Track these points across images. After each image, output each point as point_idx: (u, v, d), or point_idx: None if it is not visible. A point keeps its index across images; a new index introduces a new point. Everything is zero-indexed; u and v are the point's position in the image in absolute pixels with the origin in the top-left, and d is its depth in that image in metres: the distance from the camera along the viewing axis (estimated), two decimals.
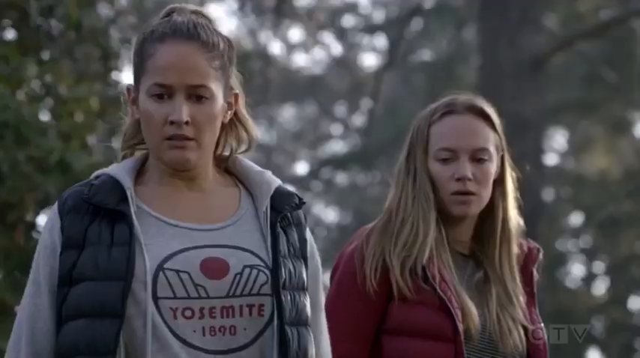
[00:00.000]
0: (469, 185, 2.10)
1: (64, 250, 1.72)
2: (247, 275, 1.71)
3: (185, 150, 1.73)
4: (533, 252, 2.18)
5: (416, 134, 2.13)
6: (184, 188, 1.77)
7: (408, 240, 2.07)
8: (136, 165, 1.79)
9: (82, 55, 4.71)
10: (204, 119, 1.73)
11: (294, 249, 1.76)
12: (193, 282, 1.69)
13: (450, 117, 2.12)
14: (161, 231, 1.72)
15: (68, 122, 4.54)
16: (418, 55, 13.03)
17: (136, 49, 1.78)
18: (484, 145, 2.12)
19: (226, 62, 1.77)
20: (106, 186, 1.74)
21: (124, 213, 1.71)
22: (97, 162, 4.43)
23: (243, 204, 1.78)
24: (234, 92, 1.80)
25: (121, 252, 1.70)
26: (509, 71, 8.64)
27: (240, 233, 1.74)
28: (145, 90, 1.74)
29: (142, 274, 1.68)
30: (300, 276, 1.75)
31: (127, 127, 1.81)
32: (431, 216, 2.08)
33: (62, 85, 4.56)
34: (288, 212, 1.77)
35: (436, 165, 2.11)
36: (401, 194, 2.11)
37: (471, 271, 2.12)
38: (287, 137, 14.89)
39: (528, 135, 8.50)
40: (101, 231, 1.72)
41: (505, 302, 2.10)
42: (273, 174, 1.82)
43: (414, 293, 2.04)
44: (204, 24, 1.76)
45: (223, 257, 1.71)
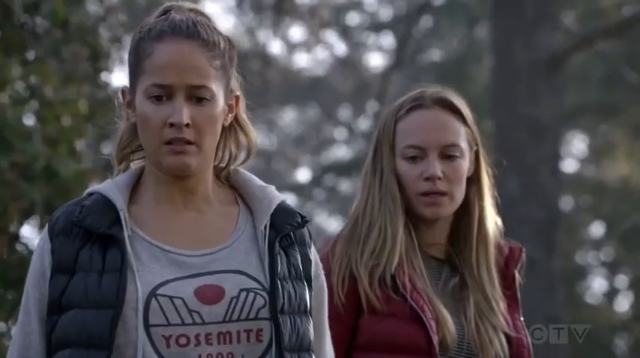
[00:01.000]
0: (439, 184, 2.06)
1: (53, 275, 1.73)
2: (244, 298, 1.71)
3: (185, 155, 1.72)
4: (515, 253, 2.14)
5: (382, 131, 2.10)
6: (181, 206, 1.76)
7: (376, 246, 2.04)
8: (130, 180, 1.79)
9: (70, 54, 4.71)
10: (205, 121, 1.73)
11: (295, 271, 1.75)
12: (187, 308, 1.69)
13: (418, 112, 2.09)
14: (154, 258, 1.72)
15: (55, 126, 4.54)
16: (427, 55, 13.05)
17: (131, 49, 1.78)
18: (454, 141, 2.09)
19: (227, 62, 1.77)
20: (97, 207, 1.74)
21: (116, 237, 1.71)
22: (85, 168, 4.42)
23: (241, 223, 1.78)
24: (234, 94, 1.80)
25: (112, 279, 1.70)
26: (525, 72, 8.63)
27: (237, 255, 1.74)
28: (143, 91, 1.74)
29: (134, 301, 1.69)
30: (302, 299, 1.75)
31: (122, 133, 1.81)
32: (398, 219, 2.05)
33: (48, 87, 4.56)
34: (289, 231, 1.76)
35: (403, 164, 2.07)
36: (367, 197, 2.08)
37: (447, 276, 2.09)
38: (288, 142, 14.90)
39: (545, 140, 8.50)
40: (92, 256, 1.72)
41: (484, 308, 2.07)
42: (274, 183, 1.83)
43: (384, 305, 2.01)
44: (204, 22, 1.77)
45: (218, 283, 1.71)
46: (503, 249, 2.14)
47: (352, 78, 13.91)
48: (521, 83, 8.59)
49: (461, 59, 12.10)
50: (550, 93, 8.66)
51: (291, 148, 14.87)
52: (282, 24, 12.26)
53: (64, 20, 4.65)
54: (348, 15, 13.61)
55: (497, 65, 8.97)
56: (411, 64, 12.30)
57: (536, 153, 8.39)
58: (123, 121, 1.80)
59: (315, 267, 1.79)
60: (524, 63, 8.63)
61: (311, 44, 13.04)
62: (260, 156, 13.86)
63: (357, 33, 13.77)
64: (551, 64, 8.71)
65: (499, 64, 8.93)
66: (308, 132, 15.07)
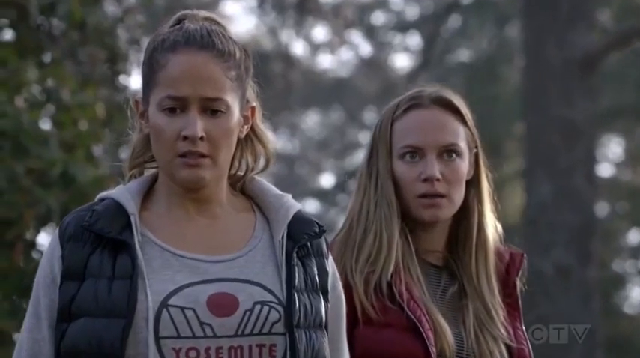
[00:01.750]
0: (438, 186, 2.05)
1: (63, 281, 1.74)
2: (258, 312, 1.71)
3: (199, 169, 1.73)
4: (516, 260, 2.12)
5: (378, 132, 2.09)
6: (194, 213, 1.77)
7: (372, 253, 2.02)
8: (143, 187, 1.80)
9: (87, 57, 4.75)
10: (219, 134, 1.74)
11: (311, 282, 1.76)
12: (199, 320, 1.69)
13: (415, 112, 2.08)
14: (166, 263, 1.73)
15: (71, 131, 4.57)
16: (456, 55, 13.04)
17: (145, 60, 1.79)
18: (453, 140, 2.07)
19: (243, 72, 1.78)
20: (108, 212, 1.75)
21: (126, 242, 1.72)
22: (103, 174, 4.45)
23: (258, 231, 1.78)
24: (250, 105, 1.81)
25: (122, 286, 1.71)
26: (558, 72, 8.61)
27: (252, 265, 1.74)
28: (156, 103, 1.75)
29: (144, 311, 1.69)
30: (318, 313, 1.75)
31: (135, 143, 1.82)
32: (394, 224, 2.04)
33: (65, 90, 4.59)
34: (306, 241, 1.77)
35: (400, 165, 2.06)
36: (362, 200, 2.07)
37: (445, 284, 2.08)
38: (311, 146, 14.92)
39: (579, 143, 8.47)
40: (102, 262, 1.73)
41: (484, 318, 2.05)
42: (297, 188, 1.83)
43: (381, 315, 1.99)
44: (219, 31, 1.78)
45: (232, 292, 1.71)
46: (503, 255, 2.12)
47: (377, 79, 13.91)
48: (554, 84, 8.56)
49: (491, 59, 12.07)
50: (584, 94, 8.63)
51: (314, 153, 14.89)
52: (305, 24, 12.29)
53: (80, 21, 4.69)
54: (374, 14, 13.62)
55: (529, 65, 8.95)
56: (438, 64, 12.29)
57: (570, 156, 8.36)
58: (136, 132, 1.82)
59: (332, 278, 1.80)
60: (557, 63, 8.61)
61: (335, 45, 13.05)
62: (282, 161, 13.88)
63: (383, 33, 13.77)
64: (586, 64, 8.68)
65: (531, 65, 8.90)
66: (332, 136, 15.08)
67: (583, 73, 8.64)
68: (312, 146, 14.93)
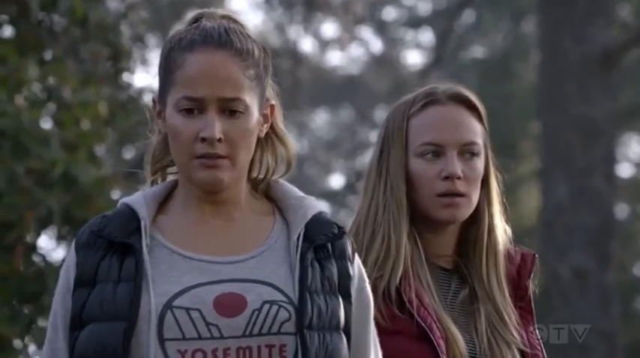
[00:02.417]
0: (458, 184, 2.03)
1: (76, 289, 1.77)
2: (267, 311, 1.71)
3: (218, 170, 1.74)
4: (528, 261, 2.10)
5: (391, 129, 2.07)
6: (210, 215, 1.78)
7: (379, 256, 2.01)
8: (161, 193, 1.81)
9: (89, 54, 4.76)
10: (238, 135, 1.75)
11: (329, 284, 1.76)
12: (205, 321, 1.70)
13: (433, 108, 2.07)
14: (174, 265, 1.74)
15: (73, 130, 4.58)
16: (469, 52, 13.03)
17: (161, 60, 1.80)
18: (473, 139, 2.06)
19: (262, 71, 1.78)
20: (120, 217, 1.78)
21: (133, 246, 1.74)
22: (105, 175, 4.46)
23: (275, 233, 1.79)
24: (269, 103, 1.81)
25: (126, 288, 1.72)
26: (576, 69, 8.59)
27: (265, 265, 1.75)
28: (173, 104, 1.76)
29: (147, 313, 1.70)
30: (334, 314, 1.74)
31: (155, 148, 1.83)
32: (402, 226, 2.02)
33: (66, 88, 4.60)
34: (323, 242, 1.77)
35: (419, 162, 2.05)
36: (370, 201, 2.05)
37: (455, 288, 2.06)
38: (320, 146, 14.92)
39: (598, 142, 8.45)
40: (111, 266, 1.75)
41: (496, 322, 2.04)
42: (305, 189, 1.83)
43: (389, 322, 1.98)
44: (237, 29, 1.78)
45: (241, 292, 1.72)
46: (514, 256, 2.10)
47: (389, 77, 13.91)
48: (571, 81, 8.55)
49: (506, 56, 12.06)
50: (603, 91, 8.61)
51: (323, 152, 14.89)
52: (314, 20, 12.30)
53: (82, 18, 4.70)
54: (384, 10, 13.62)
55: (546, 62, 8.94)
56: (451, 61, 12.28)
57: (589, 156, 8.34)
58: (155, 135, 1.83)
59: (358, 282, 1.79)
60: (575, 59, 8.59)
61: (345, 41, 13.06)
62: None
63: (394, 29, 13.77)
64: (605, 61, 8.66)
65: (547, 61, 8.89)
66: (341, 136, 15.08)
67: (602, 70, 8.63)
68: (321, 146, 14.94)
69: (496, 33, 12.70)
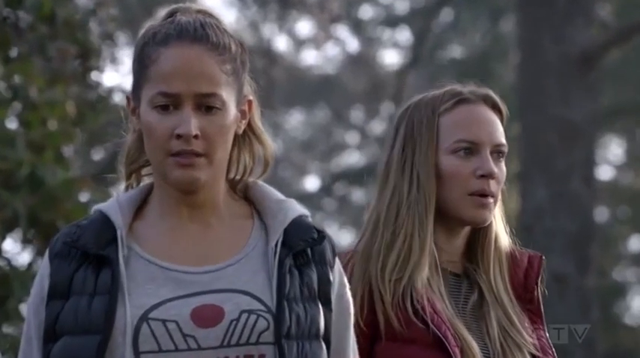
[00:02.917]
0: (492, 184, 2.05)
1: (49, 300, 1.76)
2: (244, 321, 1.71)
3: (194, 169, 1.73)
4: (534, 264, 2.12)
5: (417, 126, 2.07)
6: (187, 221, 1.77)
7: (400, 255, 2.00)
8: (137, 197, 1.80)
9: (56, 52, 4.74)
10: (215, 132, 1.74)
11: (309, 291, 1.75)
12: (182, 332, 1.70)
13: (466, 106, 2.08)
14: (151, 277, 1.74)
15: (40, 130, 4.55)
16: (447, 51, 13.08)
17: (135, 55, 1.78)
18: (503, 141, 2.09)
19: (239, 66, 1.78)
20: (94, 226, 1.76)
21: (109, 258, 1.73)
22: (73, 176, 4.44)
23: (253, 238, 1.78)
24: (247, 99, 1.80)
25: (102, 301, 1.72)
26: (555, 69, 8.64)
27: (242, 273, 1.75)
28: (148, 100, 1.75)
29: (122, 326, 1.70)
30: (314, 322, 1.74)
31: (130, 145, 1.82)
32: (428, 224, 2.02)
33: (33, 87, 4.58)
34: (302, 248, 1.76)
35: (452, 159, 2.05)
36: (390, 200, 2.04)
37: (466, 293, 2.07)
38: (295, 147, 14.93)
39: (577, 144, 8.50)
40: (86, 278, 1.74)
41: (507, 326, 2.05)
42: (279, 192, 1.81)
43: (405, 328, 1.97)
44: (213, 24, 1.78)
45: (218, 303, 1.72)
46: (520, 259, 2.12)
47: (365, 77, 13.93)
48: (551, 82, 8.59)
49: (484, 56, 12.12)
50: (583, 92, 8.66)
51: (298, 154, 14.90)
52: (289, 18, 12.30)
53: (50, 14, 4.68)
54: (361, 8, 13.65)
55: (525, 62, 8.98)
56: (429, 61, 12.33)
57: (568, 158, 8.39)
58: (129, 134, 1.82)
59: (338, 288, 1.79)
60: (554, 60, 8.64)
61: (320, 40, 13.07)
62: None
63: (371, 28, 13.80)
64: (585, 61, 8.71)
65: (526, 61, 8.93)
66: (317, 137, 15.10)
67: (582, 71, 8.67)
68: (296, 147, 14.94)
69: (474, 32, 12.75)
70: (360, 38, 13.92)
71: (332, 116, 14.94)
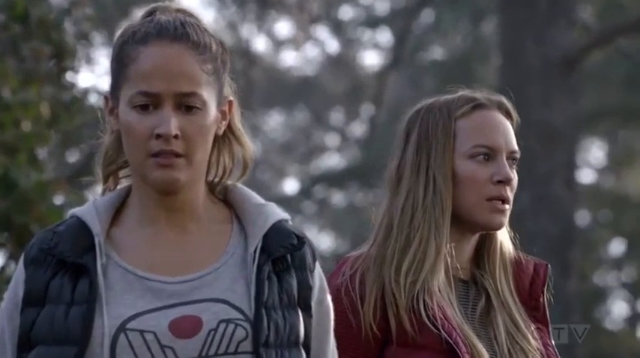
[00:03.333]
0: (508, 191, 2.09)
1: (24, 307, 1.75)
2: (223, 331, 1.71)
3: (173, 169, 1.73)
4: (540, 272, 2.15)
5: (434, 129, 2.09)
6: (166, 227, 1.77)
7: (415, 258, 2.02)
8: (114, 202, 1.79)
9: (30, 52, 4.72)
10: (195, 132, 1.74)
11: (288, 298, 1.76)
12: (160, 343, 1.70)
13: (483, 112, 2.12)
14: (129, 287, 1.74)
15: (13, 132, 4.53)
16: (428, 53, 13.10)
17: (114, 54, 1.78)
18: (516, 148, 2.13)
19: (220, 66, 1.77)
20: (71, 232, 1.75)
21: (87, 267, 1.73)
22: (47, 179, 4.42)
23: (232, 244, 1.78)
24: (228, 99, 1.80)
25: (79, 311, 1.71)
26: (537, 72, 8.67)
27: (221, 281, 1.75)
28: (127, 100, 1.75)
29: (100, 336, 1.70)
30: (293, 330, 1.75)
31: (107, 148, 1.81)
32: (444, 228, 2.04)
33: (6, 88, 4.56)
34: (281, 254, 1.76)
35: (469, 164, 2.08)
36: (404, 203, 2.05)
37: (474, 299, 2.09)
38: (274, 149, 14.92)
39: (559, 147, 8.53)
40: (63, 287, 1.73)
41: (514, 332, 2.07)
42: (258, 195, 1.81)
43: (417, 332, 1.99)
44: (193, 23, 1.78)
45: (196, 313, 1.72)
46: (525, 266, 2.15)
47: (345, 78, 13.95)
48: (532, 84, 8.63)
49: (465, 58, 12.15)
50: (565, 95, 8.70)
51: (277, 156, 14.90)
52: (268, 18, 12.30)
53: (23, 14, 4.66)
54: (341, 8, 13.66)
55: (506, 64, 9.01)
56: (410, 63, 12.35)
57: (549, 162, 8.42)
58: (107, 135, 1.81)
59: (318, 292, 1.79)
60: (536, 62, 8.67)
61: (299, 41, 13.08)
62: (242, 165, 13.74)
63: (351, 28, 13.81)
64: (567, 64, 8.75)
65: (508, 64, 8.96)
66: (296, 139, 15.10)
67: (563, 73, 8.71)
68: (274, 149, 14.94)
69: (456, 34, 12.78)
70: (340, 39, 13.94)
71: (311, 118, 14.96)
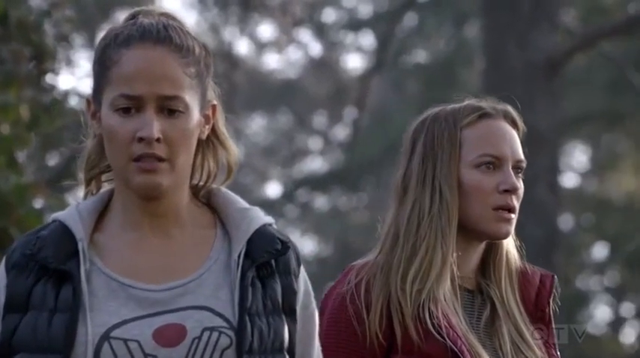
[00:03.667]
0: (514, 200, 2.10)
1: (5, 313, 1.74)
2: (207, 339, 1.71)
3: (156, 174, 1.73)
4: (547, 283, 2.17)
5: (439, 138, 2.10)
6: (149, 232, 1.77)
7: (421, 269, 2.03)
8: (97, 206, 1.79)
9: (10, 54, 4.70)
10: (178, 136, 1.73)
11: (272, 304, 1.75)
12: (143, 352, 1.70)
13: (489, 121, 2.14)
14: (112, 295, 1.73)
15: None
16: (411, 57, 13.12)
17: (96, 57, 1.78)
18: (523, 157, 2.15)
19: (203, 69, 1.78)
20: (54, 237, 1.75)
21: (71, 273, 1.72)
22: (27, 182, 4.40)
23: (216, 250, 1.78)
24: (211, 103, 1.80)
25: (62, 319, 1.71)
26: (520, 75, 8.70)
27: (204, 288, 1.74)
28: (109, 103, 1.75)
29: (83, 345, 1.69)
30: (277, 336, 1.75)
31: (90, 150, 1.81)
32: (451, 237, 2.05)
33: None
34: (265, 260, 1.76)
35: (475, 173, 2.09)
36: (410, 212, 2.06)
37: (479, 309, 2.11)
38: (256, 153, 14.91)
39: (541, 151, 8.55)
40: (46, 293, 1.73)
41: (519, 342, 2.09)
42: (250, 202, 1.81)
43: (423, 340, 2.00)
44: (176, 26, 1.78)
45: (180, 321, 1.72)
46: (531, 276, 2.16)
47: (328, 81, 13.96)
48: (515, 88, 8.65)
49: (449, 61, 12.17)
50: (548, 99, 8.73)
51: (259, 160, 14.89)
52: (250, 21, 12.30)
53: (2, 15, 4.64)
54: (324, 11, 13.67)
55: (489, 68, 9.03)
56: (393, 66, 12.37)
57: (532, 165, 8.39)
58: (89, 139, 1.81)
59: (303, 297, 1.79)
60: (519, 65, 8.70)
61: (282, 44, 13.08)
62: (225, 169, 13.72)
63: (334, 31, 13.82)
64: (549, 67, 8.78)
65: (491, 67, 8.99)
66: (279, 142, 15.10)
67: (546, 77, 8.74)
68: (257, 153, 14.93)
69: (439, 37, 12.81)
70: (323, 42, 13.95)
71: (294, 121, 14.96)
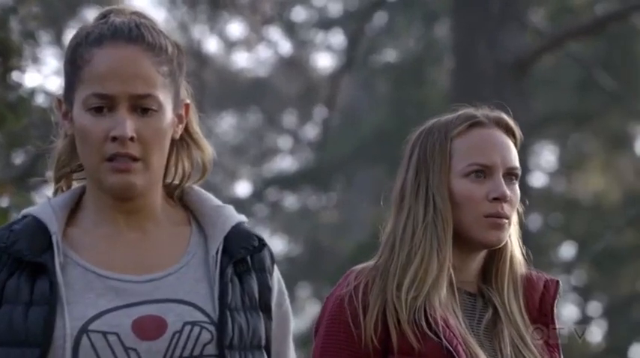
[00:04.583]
0: (505, 207, 2.12)
1: None
2: (188, 333, 1.71)
3: (130, 174, 1.73)
4: (551, 289, 2.19)
5: (431, 149, 2.14)
6: (124, 226, 1.77)
7: (415, 277, 2.06)
8: (69, 201, 1.78)
9: None
10: (151, 135, 1.73)
11: (250, 300, 1.76)
12: (123, 345, 1.69)
13: (479, 130, 2.16)
14: (89, 286, 1.72)
15: None
16: (381, 56, 13.15)
17: (67, 56, 1.77)
18: (517, 164, 2.16)
19: (175, 68, 1.78)
20: (28, 231, 1.74)
21: (46, 265, 1.71)
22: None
23: (192, 246, 1.78)
24: (184, 102, 1.80)
25: (39, 312, 1.70)
26: (489, 75, 8.73)
27: (184, 282, 1.74)
28: (81, 102, 1.74)
29: (61, 338, 1.68)
30: (256, 332, 1.76)
31: (60, 150, 1.80)
32: (447, 245, 2.08)
33: None
34: (243, 256, 1.77)
35: (465, 183, 2.12)
36: (406, 222, 2.10)
37: (480, 312, 2.13)
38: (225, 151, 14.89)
39: None
40: (20, 286, 1.72)
41: (520, 346, 2.11)
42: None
43: (421, 342, 2.03)
44: (149, 25, 1.78)
45: (160, 314, 1.71)
46: (536, 283, 2.18)
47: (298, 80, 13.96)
48: (484, 88, 8.69)
49: (418, 60, 12.21)
50: (516, 99, 8.77)
51: (229, 158, 14.86)
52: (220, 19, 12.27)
53: None
54: (294, 10, 13.67)
55: (459, 68, 9.06)
56: (363, 65, 12.39)
57: None
58: (60, 139, 1.80)
59: (277, 295, 1.81)
60: (488, 65, 8.73)
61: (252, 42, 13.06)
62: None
63: (304, 30, 13.83)
64: (518, 67, 8.82)
65: (460, 67, 9.02)
66: (248, 141, 15.08)
67: (515, 77, 8.79)
68: (226, 151, 14.90)
69: (409, 37, 12.84)
70: (293, 41, 13.95)
71: (264, 120, 14.95)
